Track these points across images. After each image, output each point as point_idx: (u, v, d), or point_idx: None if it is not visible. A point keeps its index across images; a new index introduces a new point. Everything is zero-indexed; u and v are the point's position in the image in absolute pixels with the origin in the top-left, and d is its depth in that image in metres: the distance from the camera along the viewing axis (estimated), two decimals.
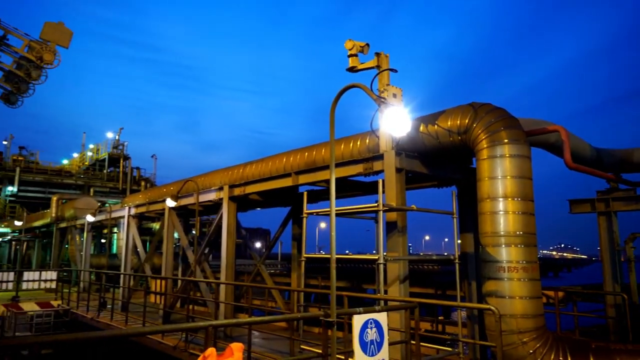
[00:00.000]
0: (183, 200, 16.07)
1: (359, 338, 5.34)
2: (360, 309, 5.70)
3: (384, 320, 5.62)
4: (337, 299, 6.04)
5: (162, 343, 11.99)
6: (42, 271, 20.66)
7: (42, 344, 4.14)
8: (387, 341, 5.57)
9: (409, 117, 6.90)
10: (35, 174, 42.57)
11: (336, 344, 5.92)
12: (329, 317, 5.49)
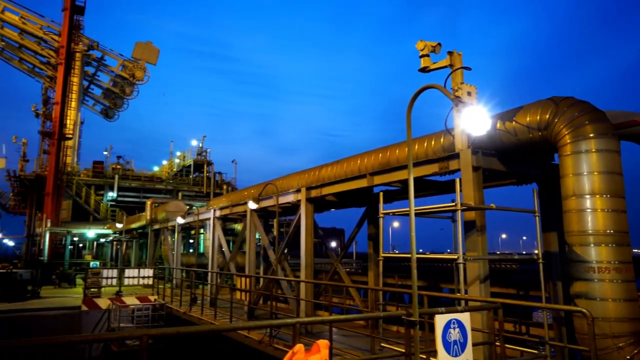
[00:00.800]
0: (263, 203, 16.60)
1: (442, 338, 5.24)
2: (442, 308, 5.59)
3: (466, 320, 5.48)
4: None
5: (248, 337, 12.45)
6: (140, 269, 22.23)
7: (150, 336, 4.48)
8: (470, 342, 5.41)
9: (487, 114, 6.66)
10: (131, 181, 45.94)
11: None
12: (411, 317, 5.43)
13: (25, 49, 55.09)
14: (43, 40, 53.40)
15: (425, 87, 6.10)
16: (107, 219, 41.87)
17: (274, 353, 11.13)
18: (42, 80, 56.44)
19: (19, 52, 55.76)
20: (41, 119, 45.60)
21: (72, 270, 29.74)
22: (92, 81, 59.02)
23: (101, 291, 20.38)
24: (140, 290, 22.79)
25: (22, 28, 52.51)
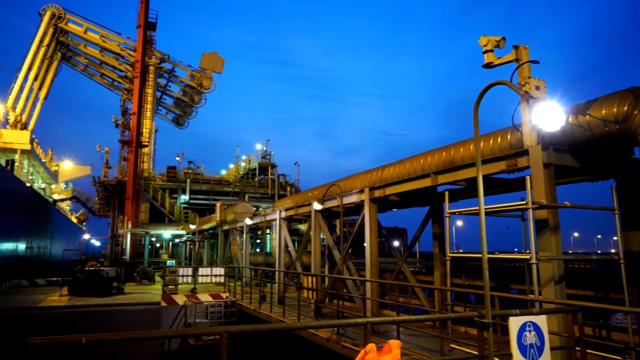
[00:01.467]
0: (327, 203, 16.73)
1: (517, 341, 5.03)
2: (516, 310, 5.37)
3: (543, 323, 5.22)
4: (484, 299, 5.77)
5: (316, 335, 12.60)
6: (212, 267, 23.18)
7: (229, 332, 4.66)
8: (548, 346, 5.16)
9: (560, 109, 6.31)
10: (201, 184, 47.95)
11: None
12: (484, 318, 5.26)
13: (105, 65, 59.21)
14: (120, 56, 57.11)
15: (493, 83, 5.89)
16: (181, 220, 43.97)
17: (342, 351, 11.18)
18: (121, 93, 60.37)
19: (100, 68, 60.00)
20: (120, 129, 48.75)
21: (151, 268, 31.52)
22: (164, 92, 62.29)
23: (178, 288, 21.42)
24: (213, 288, 23.74)
25: (102, 46, 56.44)
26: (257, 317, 17.30)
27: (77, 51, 57.96)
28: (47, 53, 51.80)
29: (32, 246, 40.94)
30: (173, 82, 61.25)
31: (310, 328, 12.24)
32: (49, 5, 53.14)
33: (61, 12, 53.44)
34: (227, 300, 19.78)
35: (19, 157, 43.19)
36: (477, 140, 6.08)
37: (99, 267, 24.04)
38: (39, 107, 52.46)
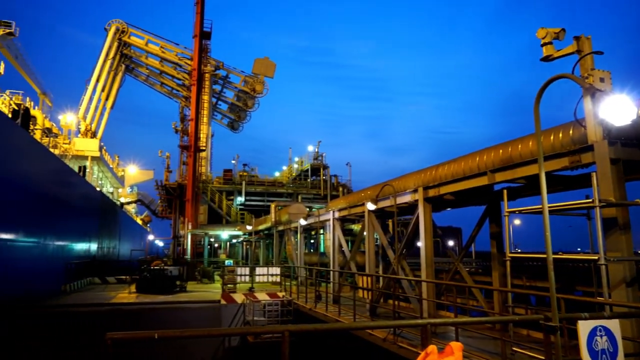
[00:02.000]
0: (381, 203, 16.61)
1: (588, 346, 4.77)
2: (586, 314, 5.08)
3: (616, 328, 4.91)
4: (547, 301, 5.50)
5: (372, 334, 12.54)
6: (268, 267, 23.63)
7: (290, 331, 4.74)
8: (622, 352, 4.85)
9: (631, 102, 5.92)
10: (256, 186, 49.03)
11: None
12: (551, 322, 5.02)
13: (164, 74, 61.96)
14: (178, 65, 59.55)
15: (555, 77, 5.62)
16: (237, 221, 45.15)
17: (399, 351, 11.05)
18: (179, 101, 62.92)
19: (160, 77, 62.84)
20: (179, 134, 50.74)
21: (211, 267, 32.61)
22: (219, 98, 64.26)
23: (236, 287, 22.00)
24: (270, 287, 24.19)
25: (161, 56, 59.10)
26: (313, 316, 17.45)
27: (139, 62, 61.05)
28: (112, 65, 54.91)
29: (102, 246, 43.49)
30: (227, 88, 63.07)
31: (369, 328, 12.21)
32: (113, 20, 56.35)
33: (124, 27, 56.48)
34: (283, 299, 20.09)
35: (89, 163, 46.04)
36: (539, 136, 5.82)
37: (163, 266, 25.14)
38: (107, 116, 55.72)
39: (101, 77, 52.92)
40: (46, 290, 25.27)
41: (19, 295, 22.50)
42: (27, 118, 27.55)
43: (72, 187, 33.79)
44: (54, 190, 29.17)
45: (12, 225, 22.23)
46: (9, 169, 22.01)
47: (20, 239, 23.16)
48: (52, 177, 29.20)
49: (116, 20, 56.42)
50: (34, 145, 26.76)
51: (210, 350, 18.52)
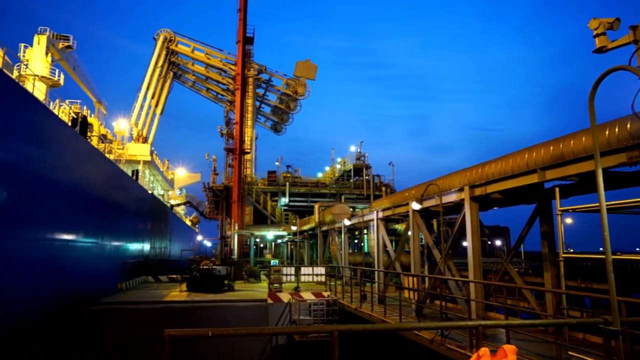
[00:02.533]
0: (426, 203, 16.35)
1: None
2: None
3: None
4: (602, 303, 5.22)
5: (419, 335, 12.37)
6: (313, 267, 23.78)
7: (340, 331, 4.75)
8: None
9: None
10: (299, 187, 49.46)
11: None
12: (611, 326, 4.78)
13: (210, 80, 63.68)
14: (223, 71, 61.04)
15: (612, 70, 5.34)
16: (282, 221, 45.71)
17: (447, 353, 10.84)
18: (224, 105, 64.50)
19: (206, 83, 64.64)
20: (225, 138, 52.01)
21: (257, 267, 33.18)
22: (262, 101, 65.32)
23: (282, 286, 22.28)
24: (315, 287, 24.33)
25: (207, 63, 60.77)
26: (358, 316, 17.41)
27: (186, 69, 63.07)
28: (161, 73, 57.01)
29: (155, 246, 45.19)
30: (270, 91, 64.01)
31: (420, 329, 12.03)
32: (161, 30, 58.51)
33: (172, 36, 58.52)
34: (328, 298, 20.15)
35: (141, 167, 48.00)
36: (595, 131, 5.56)
37: (212, 266, 25.83)
38: (156, 121, 57.89)
39: (151, 85, 55.07)
40: (105, 288, 26.55)
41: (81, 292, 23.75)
42: (84, 126, 29.07)
43: (126, 190, 35.34)
44: (110, 193, 30.61)
45: (73, 226, 23.52)
46: (70, 174, 23.30)
47: (80, 239, 24.46)
48: (108, 181, 30.66)
49: (164, 29, 58.57)
50: (91, 151, 28.19)
51: (258, 348, 18.85)
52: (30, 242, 18.78)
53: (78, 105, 35.41)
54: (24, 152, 18.26)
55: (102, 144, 35.86)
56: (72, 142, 24.49)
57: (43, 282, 19.72)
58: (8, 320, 16.85)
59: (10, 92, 17.73)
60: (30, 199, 18.72)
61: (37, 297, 19.25)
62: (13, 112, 17.83)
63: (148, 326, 18.08)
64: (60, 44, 37.06)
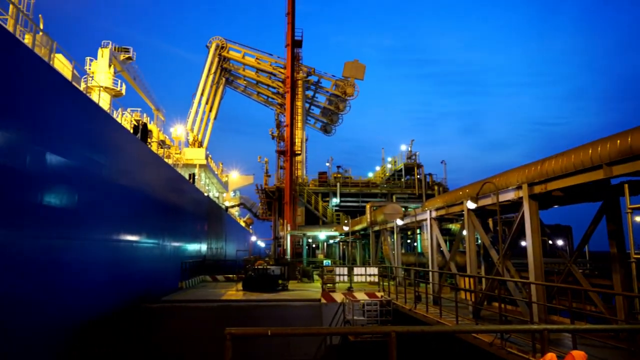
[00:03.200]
0: (481, 201, 15.85)
1: None
2: None
3: None
4: None
5: (476, 338, 12.00)
6: (366, 267, 23.68)
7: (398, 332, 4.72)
8: None
9: None
10: (350, 187, 49.43)
11: None
12: None
13: (260, 84, 65.02)
14: (273, 75, 62.14)
15: None
16: (333, 222, 45.86)
17: (507, 357, 10.45)
18: (274, 108, 65.63)
19: (256, 87, 66.05)
20: (276, 140, 52.94)
21: (310, 267, 33.48)
22: (311, 102, 65.85)
23: (335, 286, 22.35)
24: (367, 287, 24.22)
25: (257, 67, 62.10)
26: (413, 317, 17.15)
27: (237, 75, 64.76)
28: (214, 79, 58.89)
29: (211, 247, 46.69)
30: (319, 92, 64.42)
31: (480, 332, 11.73)
32: (213, 37, 60.43)
33: (223, 43, 60.30)
34: (382, 299, 19.99)
35: (198, 171, 49.76)
36: None
37: (266, 266, 26.35)
38: (211, 126, 59.85)
39: (205, 91, 57.01)
40: (166, 286, 27.76)
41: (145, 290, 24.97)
42: (145, 132, 30.56)
43: (184, 193, 36.76)
44: (169, 196, 31.98)
45: (137, 228, 24.78)
46: (133, 178, 24.57)
47: (143, 240, 25.73)
48: (168, 184, 32.04)
49: (216, 37, 60.45)
50: (152, 156, 29.57)
51: (313, 347, 19.02)
52: (99, 243, 19.97)
53: (138, 113, 37.25)
54: (93, 159, 19.45)
55: (161, 149, 37.52)
56: (135, 148, 25.81)
57: (110, 280, 20.93)
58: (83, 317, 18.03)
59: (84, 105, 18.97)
60: (97, 203, 19.92)
61: (106, 295, 20.45)
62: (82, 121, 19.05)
63: (207, 323, 18.73)
64: (121, 55, 39.16)
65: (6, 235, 13.53)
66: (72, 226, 17.57)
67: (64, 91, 17.56)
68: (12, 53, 14.34)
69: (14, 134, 13.94)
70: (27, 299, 14.46)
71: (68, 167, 17.21)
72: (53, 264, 16.06)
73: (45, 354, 15.58)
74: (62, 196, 16.66)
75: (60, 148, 16.61)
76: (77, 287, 17.86)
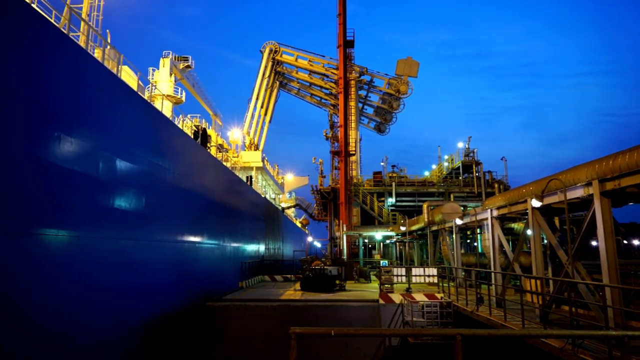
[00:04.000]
0: (547, 199, 15.09)
1: None
2: None
3: None
4: None
5: (545, 343, 11.46)
6: (425, 267, 23.24)
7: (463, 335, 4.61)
8: None
9: None
10: (405, 187, 48.73)
11: None
12: None
13: (313, 86, 65.63)
14: (325, 76, 62.52)
15: None
16: (389, 222, 45.41)
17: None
18: (328, 109, 66.00)
19: (309, 89, 66.74)
20: (330, 141, 53.15)
21: (367, 268, 33.37)
22: (364, 102, 65.60)
23: (393, 287, 22.12)
24: (426, 288, 23.77)
25: (310, 69, 62.76)
26: (475, 319, 16.63)
27: (290, 77, 65.78)
28: (268, 83, 60.19)
29: (269, 247, 47.69)
30: (372, 92, 64.06)
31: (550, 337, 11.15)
32: (267, 42, 61.76)
33: (276, 47, 61.49)
34: (441, 300, 19.55)
35: (254, 173, 51.04)
36: None
37: (323, 266, 26.54)
38: (266, 129, 61.19)
39: (260, 95, 58.39)
40: (227, 286, 28.70)
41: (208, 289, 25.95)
42: (204, 137, 31.77)
43: (242, 195, 37.82)
44: (228, 198, 33.02)
45: (198, 229, 25.81)
46: (194, 181, 25.62)
47: (205, 241, 26.76)
48: (226, 187, 33.10)
49: (269, 42, 61.78)
50: (211, 160, 30.68)
51: (372, 348, 18.93)
52: (165, 244, 21.00)
53: (197, 119, 38.79)
54: (158, 164, 20.49)
55: (220, 153, 38.83)
56: (196, 153, 26.89)
57: (176, 280, 21.93)
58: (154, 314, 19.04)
59: (149, 113, 20.07)
60: (163, 205, 20.95)
61: (172, 294, 21.47)
62: (147, 129, 20.13)
63: (267, 322, 19.17)
64: (181, 64, 40.96)
65: (85, 237, 14.56)
66: (141, 228, 18.61)
67: (131, 101, 18.66)
68: (87, 68, 15.43)
69: (88, 142, 14.99)
70: (100, 298, 15.49)
71: (136, 172, 18.25)
72: (127, 265, 17.09)
73: (121, 352, 16.60)
74: (131, 200, 17.69)
75: (128, 154, 17.65)
76: (148, 287, 18.88)
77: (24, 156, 12.05)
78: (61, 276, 13.38)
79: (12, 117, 11.64)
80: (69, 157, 13.90)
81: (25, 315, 11.97)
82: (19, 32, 12.17)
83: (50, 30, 13.56)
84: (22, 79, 12.18)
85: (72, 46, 14.61)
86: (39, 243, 12.52)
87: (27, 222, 12.07)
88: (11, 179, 11.56)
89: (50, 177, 13.00)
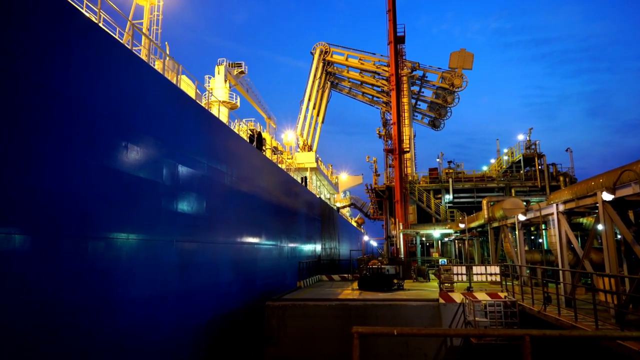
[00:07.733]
0: (619, 192, 14.16)
1: None
2: None
3: None
4: None
5: (622, 345, 10.77)
6: (487, 266, 22.51)
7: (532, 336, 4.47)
8: None
9: None
10: (463, 183, 47.37)
11: None
12: None
13: (365, 84, 65.36)
14: (376, 74, 62.07)
15: None
16: (447, 219, 44.34)
17: None
18: (380, 107, 65.47)
19: (361, 87, 66.52)
20: (383, 139, 52.74)
21: (425, 266, 32.77)
22: (417, 98, 64.44)
23: (453, 286, 21.60)
24: (488, 287, 23.01)
25: (361, 68, 62.55)
26: (542, 320, 15.90)
27: (341, 77, 65.88)
28: (320, 84, 60.63)
29: (325, 247, 48.05)
30: (425, 87, 62.81)
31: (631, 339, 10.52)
32: (317, 44, 62.26)
33: (327, 48, 61.83)
34: (505, 300, 18.86)
35: (309, 174, 51.61)
36: None
37: (380, 265, 26.38)
38: (319, 130, 61.69)
39: (312, 96, 58.96)
40: (286, 285, 29.26)
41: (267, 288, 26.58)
42: (260, 141, 32.56)
43: (298, 196, 38.38)
44: (284, 199, 33.63)
45: (257, 230, 26.50)
46: (252, 184, 26.33)
47: (263, 242, 27.42)
48: (282, 188, 33.73)
49: (320, 43, 62.20)
50: (267, 163, 31.39)
51: (433, 348, 18.60)
52: (226, 245, 21.74)
53: (252, 123, 39.81)
54: (216, 168, 21.26)
55: (275, 155, 39.61)
56: (252, 156, 27.63)
57: (237, 280, 22.65)
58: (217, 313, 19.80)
59: (207, 119, 20.90)
60: (222, 208, 21.70)
61: (234, 293, 22.20)
62: (205, 134, 20.94)
63: (327, 321, 19.34)
64: (235, 70, 42.19)
65: (150, 240, 15.41)
66: (203, 231, 19.40)
67: (190, 109, 19.49)
68: (149, 81, 16.32)
69: (152, 150, 15.84)
70: (169, 298, 16.31)
71: (197, 177, 19.04)
72: (191, 266, 17.89)
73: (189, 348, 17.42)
74: (193, 204, 18.48)
75: (189, 160, 18.46)
76: (211, 287, 19.65)
77: (96, 165, 12.93)
78: (134, 277, 14.23)
79: (87, 129, 12.54)
80: (135, 164, 14.76)
81: (105, 313, 12.84)
82: (101, 58, 13.07)
83: (123, 52, 14.45)
84: (98, 96, 13.09)
85: (136, 61, 15.49)
86: (111, 246, 13.39)
87: (99, 226, 12.95)
88: (85, 187, 12.45)
89: (119, 184, 13.86)
